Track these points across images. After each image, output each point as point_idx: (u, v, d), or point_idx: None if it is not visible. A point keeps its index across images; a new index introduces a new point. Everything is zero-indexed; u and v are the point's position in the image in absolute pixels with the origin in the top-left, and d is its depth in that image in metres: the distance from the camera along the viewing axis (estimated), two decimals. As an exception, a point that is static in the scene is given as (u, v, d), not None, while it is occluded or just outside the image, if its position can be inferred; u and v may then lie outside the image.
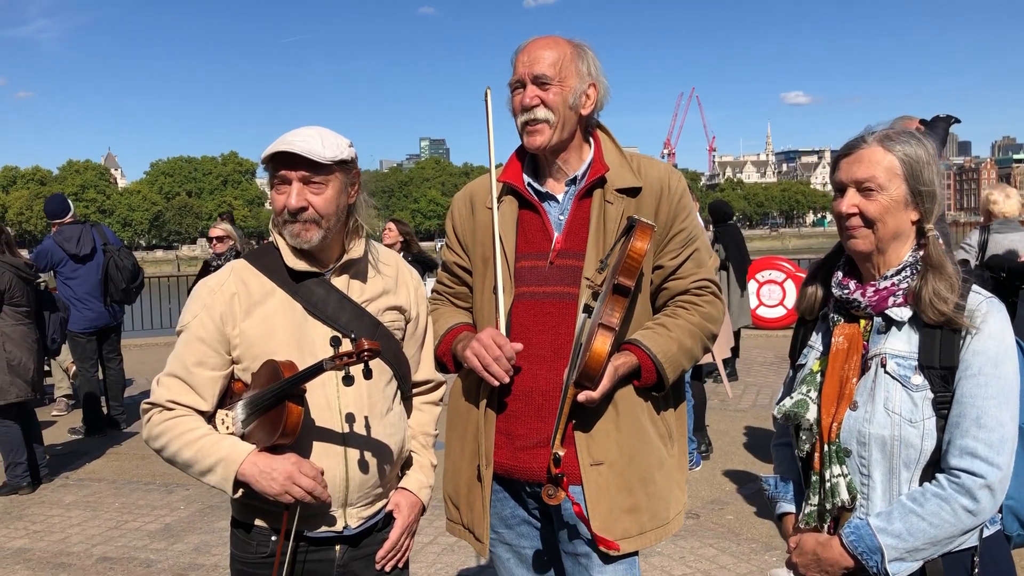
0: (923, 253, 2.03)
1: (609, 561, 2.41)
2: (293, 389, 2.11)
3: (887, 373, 2.00)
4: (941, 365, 1.96)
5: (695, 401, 6.93)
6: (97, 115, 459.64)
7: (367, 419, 2.32)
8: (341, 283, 2.37)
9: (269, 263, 2.36)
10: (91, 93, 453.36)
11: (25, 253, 7.63)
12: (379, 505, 2.42)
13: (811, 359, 2.19)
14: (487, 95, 2.56)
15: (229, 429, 2.29)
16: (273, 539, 2.31)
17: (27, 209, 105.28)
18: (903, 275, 2.03)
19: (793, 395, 2.16)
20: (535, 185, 2.55)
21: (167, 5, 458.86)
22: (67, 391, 9.97)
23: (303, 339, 2.29)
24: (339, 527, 2.33)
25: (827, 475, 2.05)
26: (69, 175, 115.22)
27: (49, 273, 8.41)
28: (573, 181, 2.52)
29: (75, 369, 9.06)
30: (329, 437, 2.28)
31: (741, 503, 6.08)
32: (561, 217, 2.51)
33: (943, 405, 1.96)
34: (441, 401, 2.69)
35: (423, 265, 8.03)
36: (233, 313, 2.31)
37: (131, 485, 6.98)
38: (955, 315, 1.95)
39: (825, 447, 2.05)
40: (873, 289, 2.06)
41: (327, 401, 2.28)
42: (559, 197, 2.53)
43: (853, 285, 2.10)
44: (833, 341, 2.09)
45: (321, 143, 2.24)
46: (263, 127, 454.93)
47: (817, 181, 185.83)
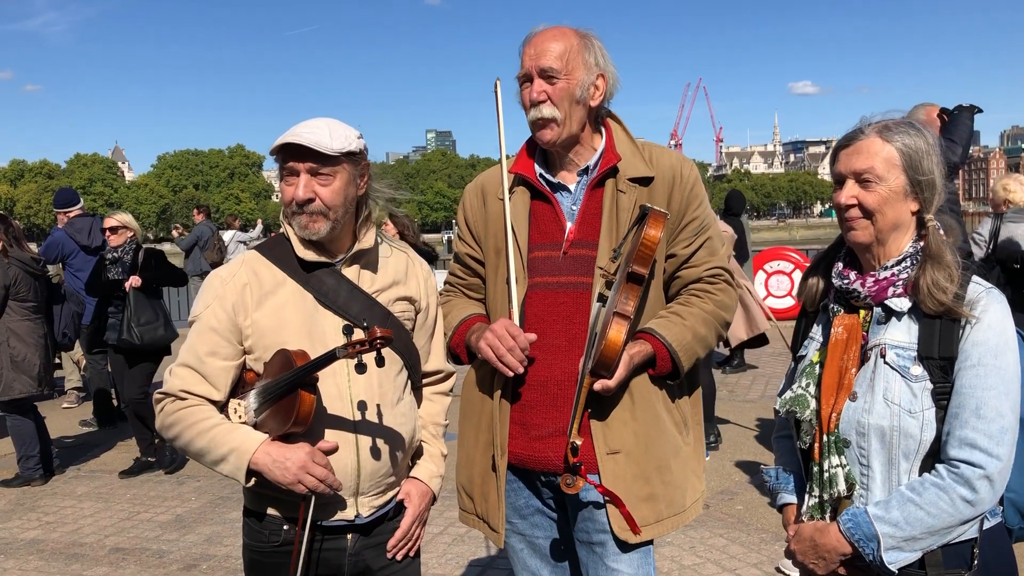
0: (923, 243, 2.04)
1: (625, 549, 2.43)
2: (305, 378, 2.13)
3: (886, 364, 2.01)
4: (940, 356, 1.96)
5: (705, 392, 6.92)
6: (104, 108, 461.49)
7: (379, 408, 2.34)
8: (352, 273, 2.38)
9: (280, 254, 2.38)
10: (98, 86, 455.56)
11: (34, 246, 7.65)
12: (390, 494, 2.44)
13: (811, 350, 2.20)
14: (496, 87, 2.56)
15: (242, 418, 2.31)
16: (286, 528, 2.34)
17: (35, 203, 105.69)
18: (903, 265, 2.04)
19: (793, 388, 2.17)
20: (547, 176, 2.55)
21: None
22: (77, 383, 10.02)
23: (314, 329, 2.31)
24: (351, 516, 2.35)
25: (825, 465, 2.06)
26: (77, 168, 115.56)
27: (56, 265, 8.43)
28: (585, 171, 2.52)
29: (85, 362, 9.10)
30: (341, 426, 2.30)
31: (751, 493, 6.09)
32: (574, 207, 2.52)
33: (942, 396, 1.96)
34: (451, 391, 2.70)
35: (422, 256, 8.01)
36: (245, 303, 2.32)
37: (142, 476, 7.02)
38: (954, 305, 1.95)
39: (824, 437, 2.06)
40: (873, 279, 2.06)
41: (338, 390, 2.30)
42: (571, 187, 2.54)
43: (853, 275, 2.11)
44: (832, 332, 2.11)
45: (329, 134, 2.25)
46: (270, 120, 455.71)
47: (824, 172, 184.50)
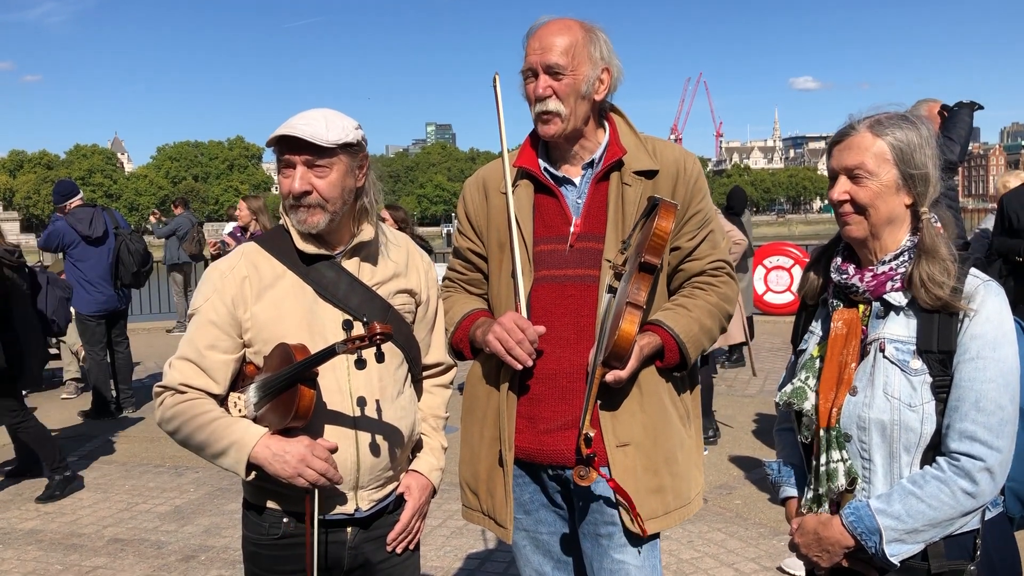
0: (918, 237, 2.04)
1: (633, 542, 2.43)
2: (305, 372, 2.13)
3: (886, 358, 2.01)
4: (939, 349, 1.97)
5: (703, 386, 6.94)
6: (104, 99, 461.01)
7: (378, 402, 2.34)
8: (352, 266, 2.38)
9: (280, 246, 2.37)
10: (98, 77, 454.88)
11: (33, 238, 7.60)
12: (390, 488, 2.44)
13: (811, 344, 2.20)
14: (495, 81, 2.56)
15: (242, 412, 2.30)
16: (285, 521, 2.34)
17: (34, 193, 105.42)
18: (900, 260, 2.04)
19: (793, 382, 2.18)
20: (551, 170, 2.55)
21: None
22: (76, 374, 10.02)
23: (314, 322, 2.30)
24: (350, 510, 2.35)
25: (823, 460, 2.07)
26: (76, 159, 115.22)
27: (57, 256, 8.41)
28: (590, 164, 2.52)
29: (84, 353, 9.10)
30: (340, 420, 2.30)
31: (749, 488, 6.10)
32: (579, 201, 2.51)
33: (942, 389, 1.97)
34: (451, 384, 2.70)
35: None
36: (244, 296, 2.32)
37: (141, 468, 7.03)
38: (952, 299, 1.96)
39: (823, 432, 2.07)
40: (871, 274, 2.07)
41: (338, 384, 2.30)
42: (576, 181, 2.53)
43: (852, 270, 2.11)
44: (832, 326, 2.11)
45: (325, 126, 2.24)
46: (269, 112, 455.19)
47: (824, 167, 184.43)
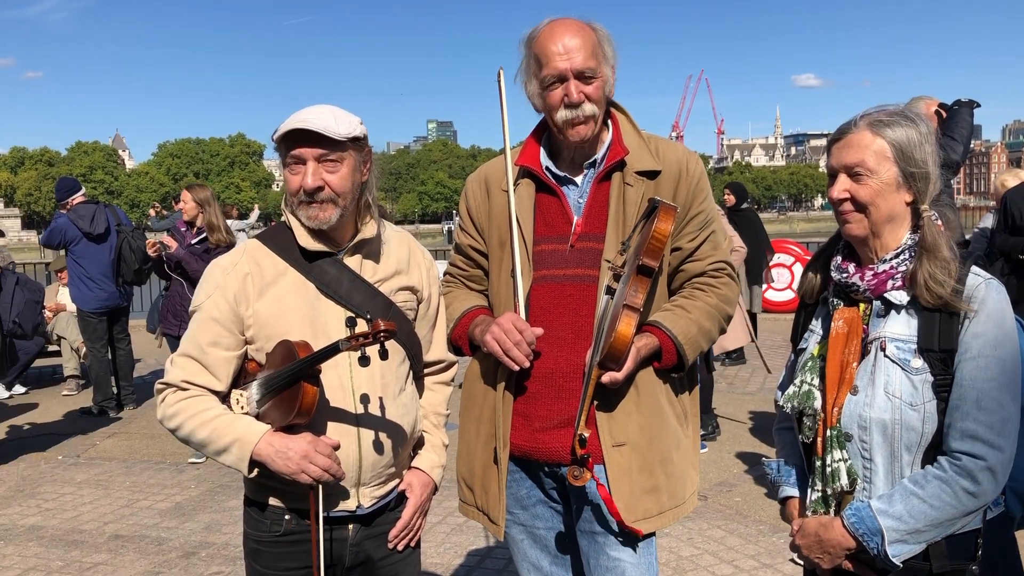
0: (919, 236, 2.03)
1: (628, 540, 2.44)
2: (308, 370, 2.13)
3: (887, 357, 2.01)
4: (941, 348, 1.96)
5: (702, 383, 6.95)
6: (105, 96, 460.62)
7: (381, 400, 2.34)
8: (354, 263, 2.38)
9: (282, 243, 2.37)
10: (99, 74, 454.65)
11: (34, 235, 7.61)
12: (392, 485, 2.44)
13: (812, 343, 2.20)
14: (500, 76, 2.54)
15: (244, 409, 2.30)
16: (287, 518, 2.34)
17: (35, 190, 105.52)
18: (901, 258, 2.04)
19: (796, 383, 2.17)
20: (553, 169, 2.54)
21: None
22: (75, 371, 10.03)
23: (316, 319, 2.30)
24: (352, 506, 2.35)
25: (828, 460, 2.06)
26: (77, 156, 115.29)
27: (59, 252, 8.42)
28: (592, 164, 2.52)
29: (85, 349, 9.11)
30: (342, 417, 2.30)
31: (749, 485, 6.11)
32: (580, 200, 2.51)
33: (943, 388, 1.96)
34: (452, 381, 2.70)
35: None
36: (246, 293, 2.32)
37: (142, 464, 7.04)
38: (953, 299, 1.95)
39: (827, 432, 2.06)
40: (872, 273, 2.06)
41: (340, 382, 2.30)
42: (578, 180, 2.53)
43: (852, 268, 2.10)
44: (833, 325, 2.11)
45: (334, 120, 2.23)
46: (270, 109, 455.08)
47: (825, 165, 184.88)
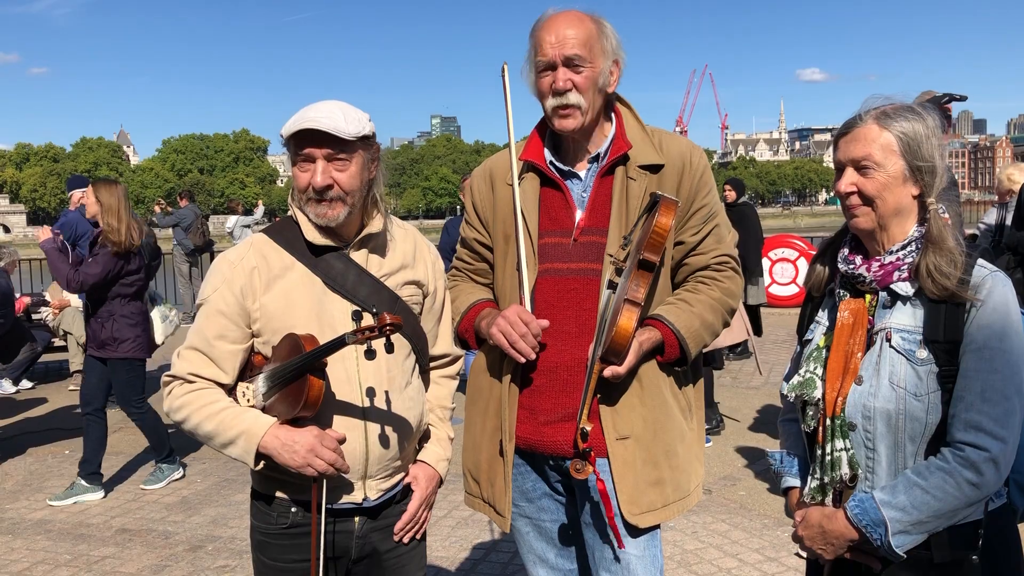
0: (925, 228, 2.03)
1: (633, 533, 2.45)
2: (314, 363, 2.14)
3: (892, 347, 2.01)
4: (946, 339, 1.96)
5: (704, 377, 6.92)
6: (110, 92, 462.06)
7: (387, 393, 2.35)
8: (360, 257, 2.39)
9: (289, 237, 2.38)
10: (103, 70, 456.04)
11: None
12: (398, 478, 2.46)
13: (818, 335, 2.21)
14: (504, 71, 2.55)
15: (250, 402, 2.32)
16: (294, 510, 2.36)
17: (40, 186, 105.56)
18: (908, 250, 2.04)
19: (800, 372, 2.18)
20: (557, 163, 2.55)
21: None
22: (82, 366, 10.05)
23: (323, 313, 2.31)
24: (358, 499, 2.37)
25: (828, 449, 2.07)
26: (82, 152, 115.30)
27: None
28: (595, 158, 2.52)
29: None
30: (349, 411, 2.31)
31: (753, 479, 6.12)
32: (584, 194, 2.52)
33: (948, 379, 1.96)
34: (457, 375, 2.71)
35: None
36: (253, 287, 2.33)
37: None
38: (958, 290, 1.95)
39: (828, 421, 2.07)
40: (878, 264, 2.07)
41: (347, 375, 2.31)
42: (581, 175, 2.53)
43: (859, 260, 2.11)
44: (838, 316, 2.11)
45: (344, 119, 2.23)
46: (275, 105, 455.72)
47: (830, 159, 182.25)
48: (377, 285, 2.38)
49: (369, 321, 2.10)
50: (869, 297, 2.10)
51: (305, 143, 2.25)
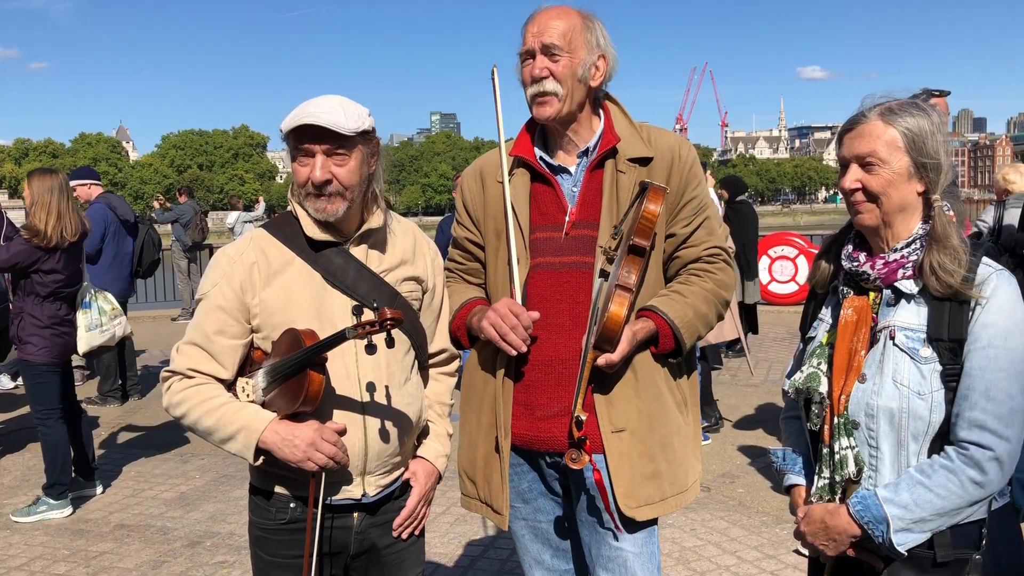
0: (929, 225, 2.03)
1: (630, 529, 2.44)
2: (314, 358, 2.13)
3: (896, 345, 2.01)
4: (950, 337, 1.96)
5: (701, 374, 6.92)
6: (109, 88, 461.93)
7: (387, 388, 2.34)
8: (360, 253, 2.38)
9: (288, 232, 2.37)
10: (103, 66, 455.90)
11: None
12: (397, 474, 2.45)
13: (821, 332, 2.20)
14: (494, 73, 2.56)
15: (249, 397, 2.31)
16: (292, 505, 2.35)
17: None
18: (912, 247, 2.03)
19: (804, 368, 2.17)
20: (547, 158, 2.55)
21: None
22: (81, 362, 10.02)
23: (322, 308, 2.31)
24: (357, 495, 2.36)
25: (836, 447, 2.06)
26: (81, 148, 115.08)
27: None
28: (585, 153, 2.53)
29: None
30: (348, 406, 2.30)
31: (751, 477, 6.11)
32: (574, 189, 2.52)
33: (952, 377, 1.96)
34: (456, 372, 2.70)
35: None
36: (253, 282, 2.32)
37: (146, 454, 7.05)
38: (963, 288, 1.95)
39: (835, 419, 2.06)
40: (883, 261, 2.06)
41: (346, 370, 2.31)
42: (571, 169, 2.54)
43: (863, 257, 2.10)
44: (842, 314, 2.10)
45: (344, 114, 2.23)
46: (274, 100, 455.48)
47: (830, 157, 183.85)
48: (377, 280, 2.37)
49: (370, 316, 2.09)
50: (873, 294, 2.09)
51: (304, 138, 2.24)
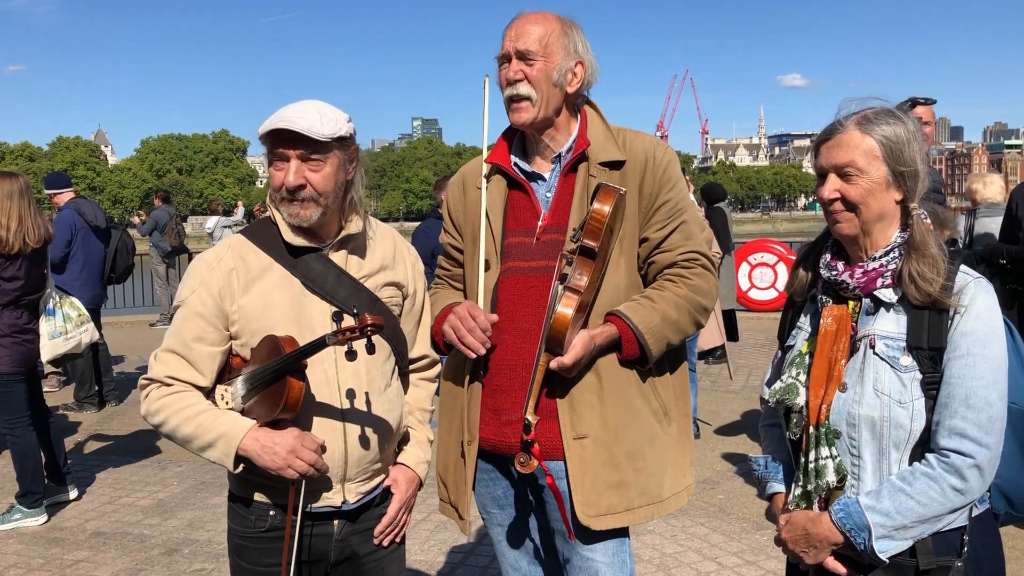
0: (907, 234, 2.03)
1: (598, 537, 2.42)
2: (294, 365, 2.12)
3: (876, 354, 2.01)
4: (930, 346, 1.96)
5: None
6: (88, 91, 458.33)
7: (367, 395, 2.33)
8: (339, 258, 2.37)
9: (267, 238, 2.36)
10: (82, 69, 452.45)
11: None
12: (377, 480, 2.44)
13: (800, 341, 2.20)
14: (486, 83, 2.56)
15: (228, 404, 2.29)
16: (272, 513, 2.33)
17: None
18: (891, 256, 2.03)
19: (783, 378, 2.17)
20: (522, 165, 2.56)
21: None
22: (57, 368, 9.93)
23: (302, 314, 2.30)
24: (337, 502, 2.34)
25: (812, 456, 2.06)
26: (59, 151, 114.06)
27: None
28: (559, 158, 2.52)
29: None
30: (328, 413, 2.29)
31: (732, 483, 6.13)
32: (548, 194, 2.52)
33: (932, 386, 1.96)
34: (437, 377, 2.70)
35: None
36: (231, 288, 2.30)
37: (123, 461, 6.99)
38: (942, 296, 1.95)
39: (812, 429, 2.06)
40: (861, 270, 2.06)
41: (326, 376, 2.29)
42: (546, 175, 2.54)
43: (841, 266, 2.10)
44: (822, 323, 2.10)
45: (320, 119, 2.22)
46: (255, 105, 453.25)
47: (809, 165, 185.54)
48: (356, 286, 2.36)
49: (350, 322, 2.08)
50: (852, 303, 2.09)
51: (279, 142, 2.23)
